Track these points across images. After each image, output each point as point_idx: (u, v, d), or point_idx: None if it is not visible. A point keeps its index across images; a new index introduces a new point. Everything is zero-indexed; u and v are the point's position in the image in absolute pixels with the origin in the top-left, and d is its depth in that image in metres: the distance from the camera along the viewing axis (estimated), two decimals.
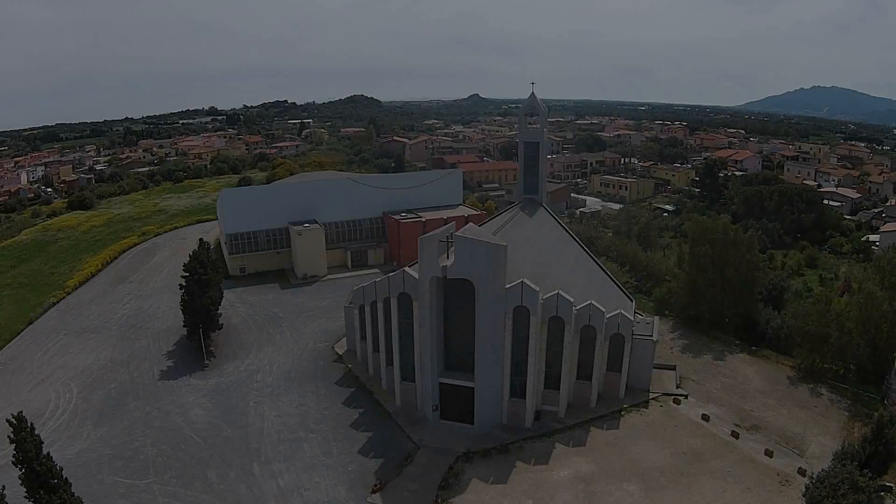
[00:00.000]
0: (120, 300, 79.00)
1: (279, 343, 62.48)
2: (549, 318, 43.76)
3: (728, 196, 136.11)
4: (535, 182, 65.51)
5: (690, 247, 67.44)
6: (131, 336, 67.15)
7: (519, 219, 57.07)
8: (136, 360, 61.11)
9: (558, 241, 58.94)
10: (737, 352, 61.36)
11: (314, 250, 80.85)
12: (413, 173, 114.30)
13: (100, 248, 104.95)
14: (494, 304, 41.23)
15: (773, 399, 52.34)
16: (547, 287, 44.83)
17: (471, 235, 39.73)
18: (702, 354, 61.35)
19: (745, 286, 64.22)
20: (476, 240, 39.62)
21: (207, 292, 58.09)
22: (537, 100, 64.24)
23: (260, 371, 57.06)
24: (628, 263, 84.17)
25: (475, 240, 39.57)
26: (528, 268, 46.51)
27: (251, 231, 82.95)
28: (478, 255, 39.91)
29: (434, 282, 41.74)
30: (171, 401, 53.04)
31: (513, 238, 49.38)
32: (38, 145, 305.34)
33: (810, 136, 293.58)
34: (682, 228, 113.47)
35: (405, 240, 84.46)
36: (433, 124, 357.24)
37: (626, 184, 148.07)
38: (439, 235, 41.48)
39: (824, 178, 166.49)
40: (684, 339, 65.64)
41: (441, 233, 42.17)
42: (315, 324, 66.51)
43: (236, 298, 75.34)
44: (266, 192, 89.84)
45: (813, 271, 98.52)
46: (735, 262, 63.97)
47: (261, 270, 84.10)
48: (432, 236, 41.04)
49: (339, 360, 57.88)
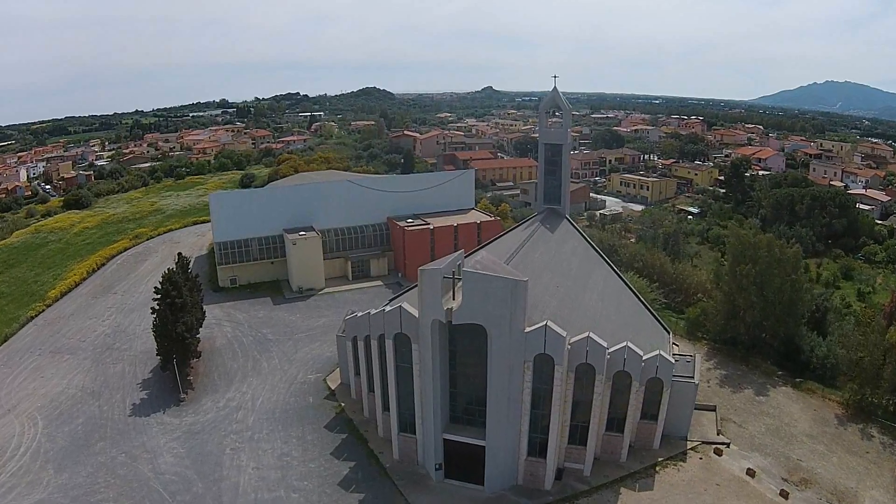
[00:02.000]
0: (100, 315, 73.46)
1: (265, 373, 55.60)
2: (578, 365, 36.30)
3: (755, 198, 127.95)
4: (556, 190, 57.03)
5: (730, 264, 59.74)
6: (107, 359, 61.55)
7: (539, 236, 49.08)
8: (109, 389, 55.53)
9: (585, 262, 50.95)
10: (779, 384, 55.33)
11: (310, 261, 73.76)
12: (421, 175, 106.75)
13: (89, 252, 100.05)
14: (511, 351, 33.91)
15: (822, 444, 46.60)
16: (573, 322, 37.43)
17: (483, 270, 32.08)
18: (742, 388, 54.89)
19: (788, 308, 57.65)
20: (489, 276, 32.08)
21: (182, 318, 51.26)
22: (560, 95, 55.63)
23: (241, 408, 50.24)
24: (655, 275, 76.83)
25: (488, 276, 32.06)
26: (550, 300, 39.02)
27: (243, 239, 76.01)
28: (492, 295, 32.63)
29: (437, 325, 34.46)
30: (141, 443, 46.90)
31: (532, 263, 41.91)
32: (45, 139, 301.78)
33: (826, 133, 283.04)
34: (710, 234, 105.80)
35: (411, 248, 77.26)
36: (445, 117, 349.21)
37: (648, 183, 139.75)
38: (444, 269, 33.99)
39: (850, 178, 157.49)
40: (721, 367, 58.95)
41: (446, 266, 34.59)
42: (307, 348, 59.54)
43: (224, 315, 68.67)
44: (259, 196, 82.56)
45: (849, 283, 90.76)
46: (778, 281, 57.34)
47: (253, 282, 77.20)
48: (435, 271, 33.56)
49: (330, 397, 50.79)
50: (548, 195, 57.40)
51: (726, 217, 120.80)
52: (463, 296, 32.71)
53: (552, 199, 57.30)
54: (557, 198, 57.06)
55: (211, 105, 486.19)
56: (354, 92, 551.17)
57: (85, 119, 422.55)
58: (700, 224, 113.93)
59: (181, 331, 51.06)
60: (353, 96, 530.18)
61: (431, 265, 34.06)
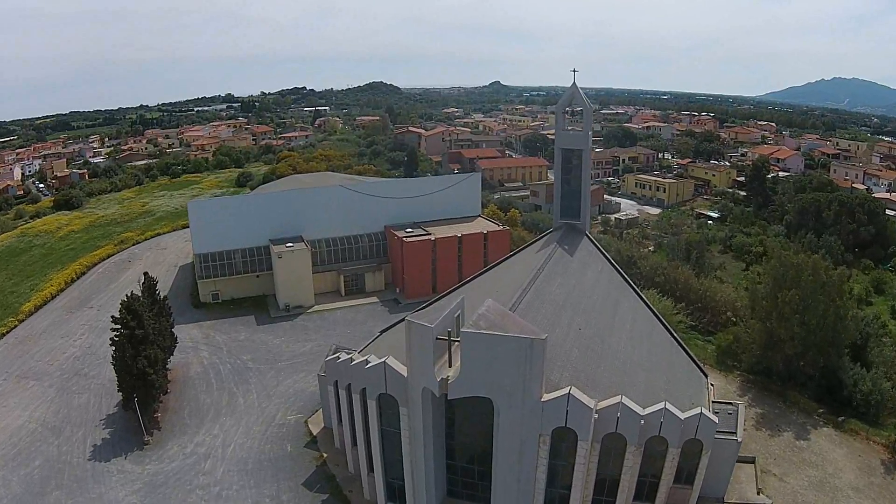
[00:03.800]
0: (73, 333, 67.79)
1: (241, 410, 49.15)
2: (605, 435, 29.42)
3: (778, 202, 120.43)
4: (575, 202, 49.34)
5: (770, 288, 52.80)
6: (73, 388, 55.82)
7: (556, 261, 41.74)
8: (71, 424, 49.84)
9: (609, 291, 43.55)
10: (821, 425, 49.49)
11: (298, 275, 67.11)
12: (422, 179, 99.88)
13: (72, 259, 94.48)
14: (524, 425, 27.15)
15: (869, 499, 41.25)
16: (600, 377, 30.77)
17: (488, 328, 25.00)
18: (781, 431, 48.83)
19: (831, 338, 51.26)
20: (497, 336, 25.05)
21: (144, 350, 44.83)
22: (580, 92, 47.86)
23: (210, 456, 43.86)
24: (678, 291, 69.96)
25: (495, 336, 25.02)
26: (571, 349, 32.16)
27: (225, 251, 69.51)
28: (500, 359, 25.82)
29: (430, 393, 27.61)
30: (98, 495, 41.07)
31: (549, 299, 35.06)
32: (46, 135, 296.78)
33: (837, 130, 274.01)
34: (734, 242, 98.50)
35: (410, 262, 70.56)
36: (452, 113, 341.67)
37: (665, 185, 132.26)
38: (437, 326, 26.87)
39: (872, 181, 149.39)
40: (757, 404, 52.59)
41: (441, 321, 27.38)
42: (290, 380, 53.03)
43: (202, 337, 62.36)
44: (243, 203, 75.50)
45: (881, 298, 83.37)
46: (822, 308, 50.74)
47: (237, 297, 70.65)
48: (425, 330, 26.50)
49: (311, 444, 44.18)
50: (565, 209, 49.71)
51: (748, 223, 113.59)
52: (462, 363, 25.69)
53: (570, 213, 49.62)
54: (576, 212, 49.40)
55: (216, 100, 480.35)
56: (361, 86, 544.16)
57: (89, 114, 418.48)
58: (722, 231, 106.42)
59: (142, 366, 44.63)
60: (359, 91, 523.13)
61: (422, 316, 26.99)
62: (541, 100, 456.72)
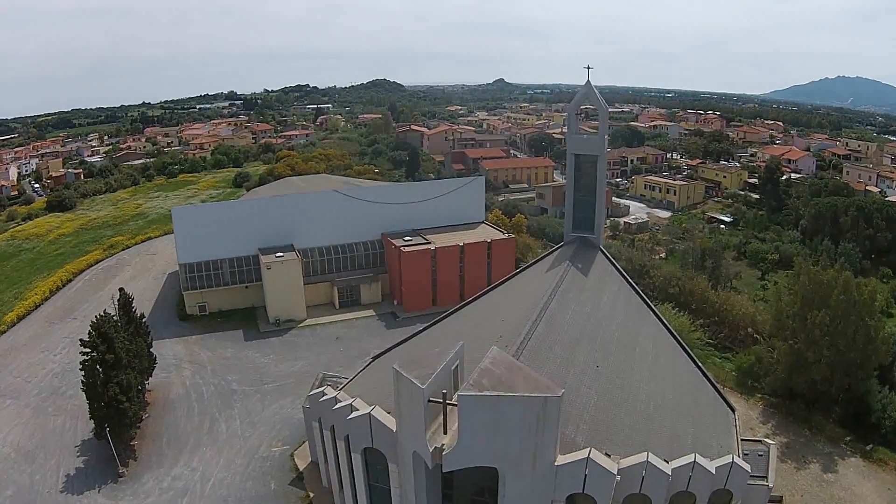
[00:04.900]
0: (54, 346, 64.24)
1: (223, 440, 45.31)
2: (628, 496, 25.27)
3: (792, 206, 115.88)
4: (589, 213, 44.61)
5: (799, 308, 48.70)
6: (49, 409, 52.16)
7: (569, 284, 36.99)
8: (45, 450, 46.31)
9: (628, 316, 38.97)
10: (848, 454, 46.31)
11: (288, 287, 63.13)
12: (422, 183, 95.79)
13: (60, 264, 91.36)
14: (534, 492, 22.87)
15: None
16: (620, 427, 26.70)
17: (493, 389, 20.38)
18: (807, 462, 45.38)
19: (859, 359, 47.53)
20: (503, 398, 20.71)
21: (115, 377, 41.02)
22: (596, 92, 43.08)
23: (188, 492, 40.06)
24: (694, 303, 66.05)
25: (502, 398, 20.66)
26: (589, 394, 27.93)
27: (212, 260, 65.63)
28: (507, 423, 21.43)
29: (421, 460, 23.50)
30: None
31: (562, 333, 30.93)
32: (47, 133, 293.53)
33: (843, 129, 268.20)
34: (748, 249, 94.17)
35: (408, 273, 66.58)
36: (456, 110, 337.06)
37: (675, 187, 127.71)
38: (428, 388, 22.09)
39: (885, 183, 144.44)
40: (781, 432, 48.88)
41: (436, 378, 22.63)
42: (276, 405, 49.14)
43: (185, 354, 58.58)
44: (231, 210, 71.20)
45: None
46: (852, 328, 47.00)
47: (225, 309, 66.71)
48: (415, 391, 22.00)
49: (297, 482, 40.28)
50: (578, 220, 44.92)
51: (762, 227, 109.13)
52: (461, 430, 20.95)
53: (583, 225, 44.93)
54: (590, 224, 44.63)
55: (219, 97, 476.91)
56: (364, 84, 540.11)
57: (91, 111, 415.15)
58: (736, 236, 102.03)
59: (114, 393, 40.82)
60: (362, 88, 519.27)
61: (414, 365, 22.60)
62: (545, 98, 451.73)
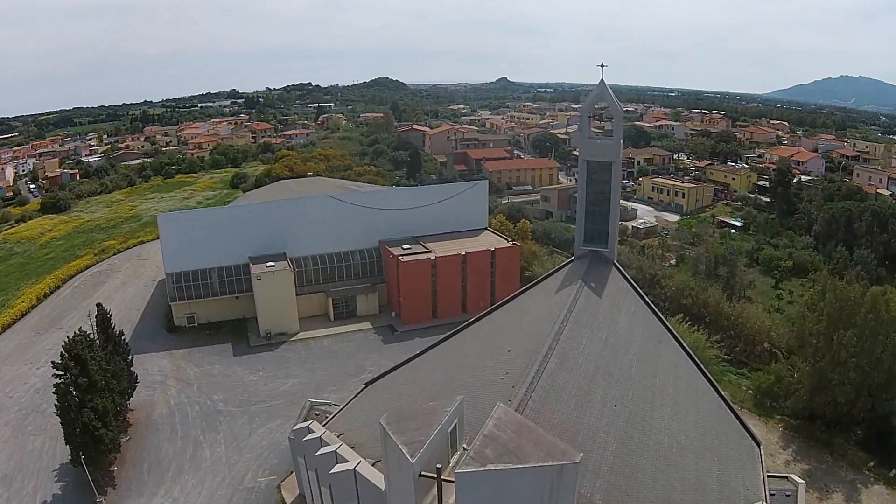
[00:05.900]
0: (37, 359, 61.39)
1: (206, 467, 42.30)
2: None
3: (804, 209, 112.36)
4: (602, 225, 41.12)
5: (825, 327, 45.51)
6: (29, 427, 49.45)
7: (582, 307, 33.34)
8: (22, 474, 43.72)
9: (646, 342, 35.48)
10: (871, 481, 43.99)
11: (280, 298, 60.00)
12: (423, 187, 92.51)
13: (50, 269, 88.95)
14: None
15: None
16: (639, 477, 23.56)
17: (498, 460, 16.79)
18: (830, 492, 42.84)
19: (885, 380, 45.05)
20: (511, 470, 17.29)
21: (90, 401, 38.03)
22: (610, 93, 39.76)
23: None
24: (708, 315, 62.93)
25: (510, 471, 17.26)
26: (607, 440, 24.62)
27: (200, 269, 62.61)
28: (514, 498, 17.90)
29: None
30: None
31: (576, 366, 27.67)
32: (47, 132, 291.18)
33: (847, 129, 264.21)
34: (761, 256, 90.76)
35: (407, 283, 63.47)
36: (458, 109, 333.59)
37: (684, 190, 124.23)
38: (419, 461, 18.85)
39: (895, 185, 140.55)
40: (802, 459, 46.15)
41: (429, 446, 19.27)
42: (264, 429, 46.09)
43: (171, 369, 55.64)
44: (220, 216, 67.89)
45: None
46: (879, 348, 44.34)
47: (215, 321, 63.65)
48: (403, 463, 18.76)
49: None
50: (590, 233, 41.32)
51: (774, 232, 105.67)
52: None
53: (596, 237, 41.49)
54: (603, 236, 41.09)
55: (221, 96, 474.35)
56: (366, 82, 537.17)
57: (92, 110, 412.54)
58: (747, 241, 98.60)
59: (88, 419, 37.84)
60: (365, 87, 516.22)
61: (402, 431, 19.01)
62: (548, 97, 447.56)
